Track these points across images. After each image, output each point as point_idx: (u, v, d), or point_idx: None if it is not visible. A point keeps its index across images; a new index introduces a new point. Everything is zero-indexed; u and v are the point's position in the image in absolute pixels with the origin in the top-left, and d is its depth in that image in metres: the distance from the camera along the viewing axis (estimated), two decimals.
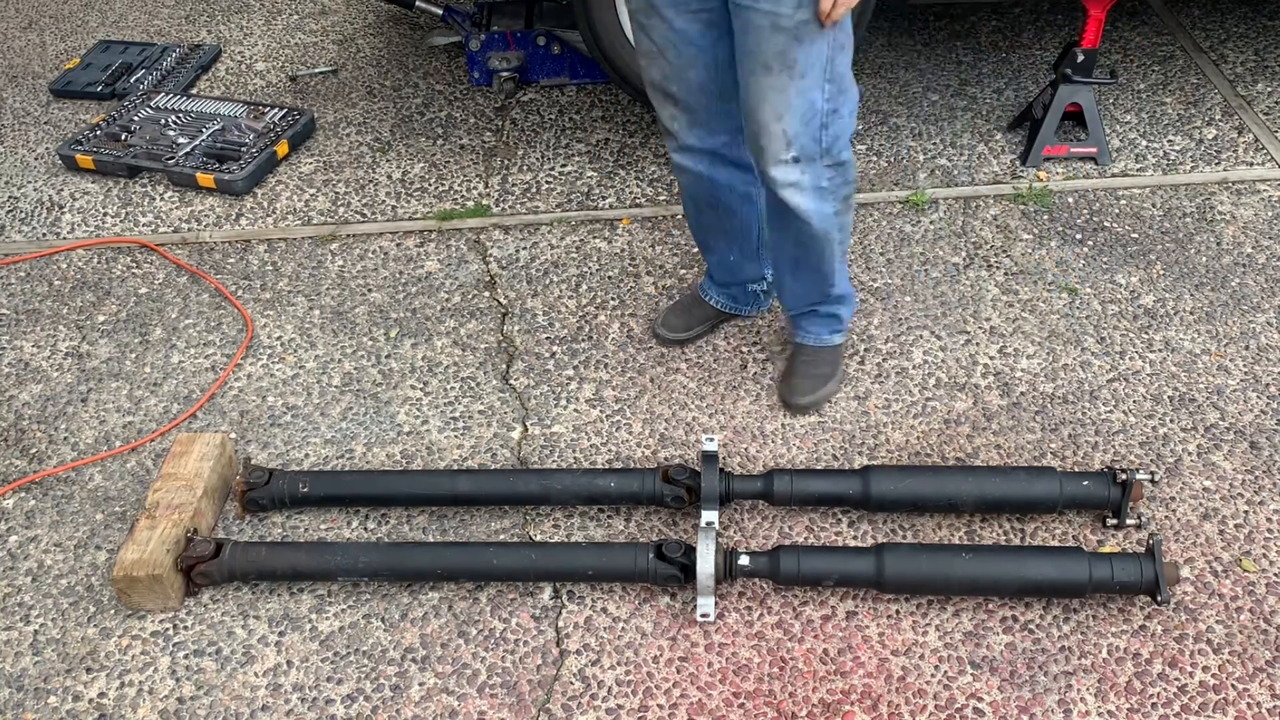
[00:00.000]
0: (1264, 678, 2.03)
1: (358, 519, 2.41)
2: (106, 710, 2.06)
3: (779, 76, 2.15)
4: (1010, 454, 2.49)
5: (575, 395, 2.68)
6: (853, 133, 2.31)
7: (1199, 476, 2.41)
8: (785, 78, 2.15)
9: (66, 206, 3.41)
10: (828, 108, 2.21)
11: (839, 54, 2.17)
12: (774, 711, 2.01)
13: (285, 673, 2.11)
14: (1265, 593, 2.18)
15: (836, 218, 2.38)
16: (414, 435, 2.59)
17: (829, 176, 2.30)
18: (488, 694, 2.06)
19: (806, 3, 2.06)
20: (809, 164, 2.26)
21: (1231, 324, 2.80)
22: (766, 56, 2.14)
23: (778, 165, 2.26)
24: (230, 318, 2.95)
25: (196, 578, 2.21)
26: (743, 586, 2.22)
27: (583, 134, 3.63)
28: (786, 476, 2.30)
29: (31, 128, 3.80)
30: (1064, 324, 2.82)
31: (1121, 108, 3.62)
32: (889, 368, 2.72)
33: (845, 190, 2.36)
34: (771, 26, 2.10)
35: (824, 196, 2.32)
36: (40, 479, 2.52)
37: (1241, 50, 3.87)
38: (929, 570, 2.12)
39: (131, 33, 4.37)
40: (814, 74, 2.16)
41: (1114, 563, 2.10)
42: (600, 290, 2.99)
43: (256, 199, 3.40)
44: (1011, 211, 3.21)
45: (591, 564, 2.19)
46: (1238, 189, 3.26)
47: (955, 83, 3.79)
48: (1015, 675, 2.05)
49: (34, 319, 2.98)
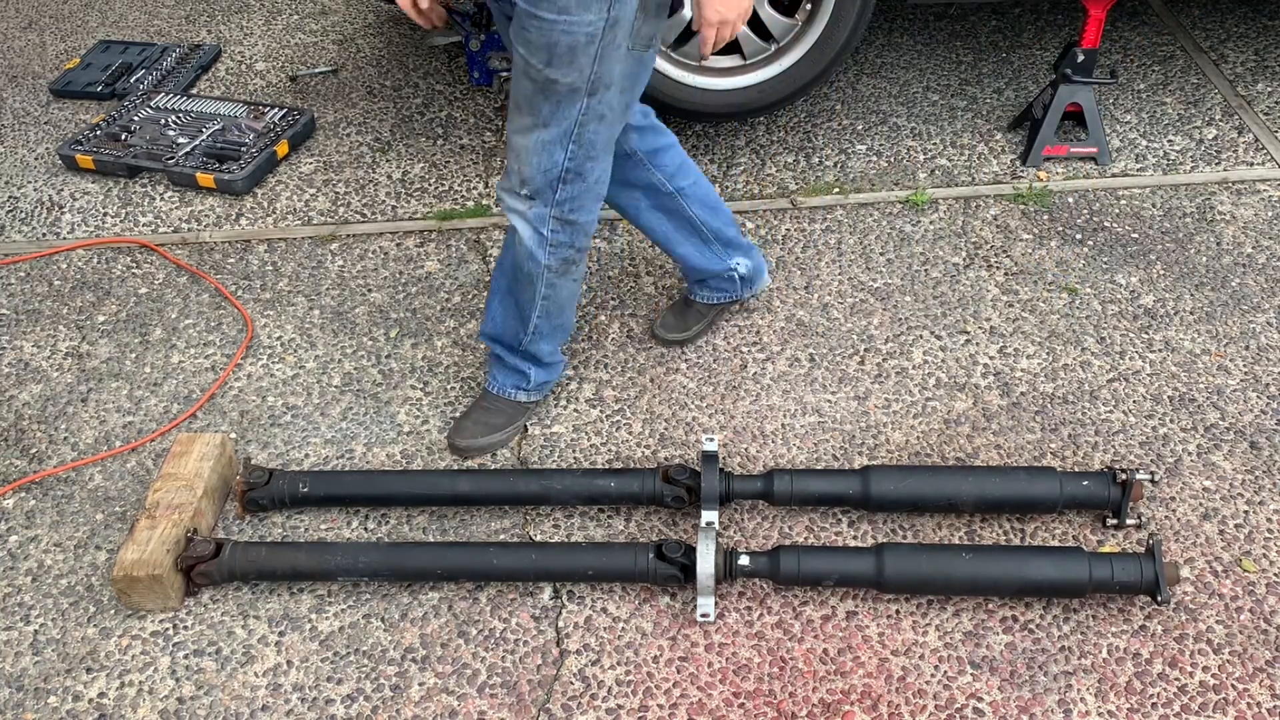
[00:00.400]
0: (1264, 678, 2.03)
1: (358, 519, 2.40)
2: (106, 710, 2.06)
3: (525, 118, 2.13)
4: (1010, 454, 2.49)
5: (575, 395, 2.68)
6: (600, 199, 2.26)
7: (1199, 476, 2.41)
8: (530, 121, 2.12)
9: (66, 206, 3.41)
10: (569, 166, 2.16)
11: (594, 123, 2.11)
12: (774, 711, 2.01)
13: (285, 673, 2.11)
14: (1265, 593, 2.18)
15: (549, 274, 2.32)
16: (414, 435, 2.59)
17: (553, 229, 2.26)
18: (488, 694, 2.06)
19: (557, 65, 2.02)
20: (541, 206, 2.23)
21: (1231, 324, 2.80)
22: (517, 95, 2.13)
23: (510, 194, 2.24)
24: (230, 318, 2.95)
25: (196, 578, 2.21)
26: (743, 586, 2.22)
27: None
28: (786, 476, 2.30)
29: (31, 128, 3.80)
30: (1064, 324, 2.82)
31: (1121, 108, 3.62)
32: (889, 368, 2.72)
33: (570, 254, 2.31)
34: (523, 70, 2.08)
35: (542, 244, 2.28)
36: (40, 479, 2.52)
37: (1241, 50, 3.87)
38: (929, 570, 2.12)
39: (131, 33, 4.37)
40: (557, 131, 2.11)
41: (1114, 563, 2.10)
42: (600, 290, 2.99)
43: (256, 199, 3.40)
44: (1011, 211, 3.21)
45: (591, 564, 2.19)
46: (1238, 189, 3.26)
47: (955, 83, 3.79)
48: (1015, 675, 2.05)
49: (34, 319, 2.98)
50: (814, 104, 3.70)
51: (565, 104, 2.08)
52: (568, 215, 2.24)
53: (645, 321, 2.88)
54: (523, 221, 2.26)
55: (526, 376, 2.53)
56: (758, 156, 3.48)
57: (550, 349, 2.51)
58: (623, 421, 2.61)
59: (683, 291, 2.85)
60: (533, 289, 2.36)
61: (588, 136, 2.13)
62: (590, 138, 2.14)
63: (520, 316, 2.43)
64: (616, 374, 2.73)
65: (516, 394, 2.55)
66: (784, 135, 3.57)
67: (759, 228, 3.18)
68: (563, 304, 2.42)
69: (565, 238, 2.28)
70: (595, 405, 2.65)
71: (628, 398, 2.67)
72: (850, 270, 3.02)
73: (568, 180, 2.19)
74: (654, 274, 3.04)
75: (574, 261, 2.34)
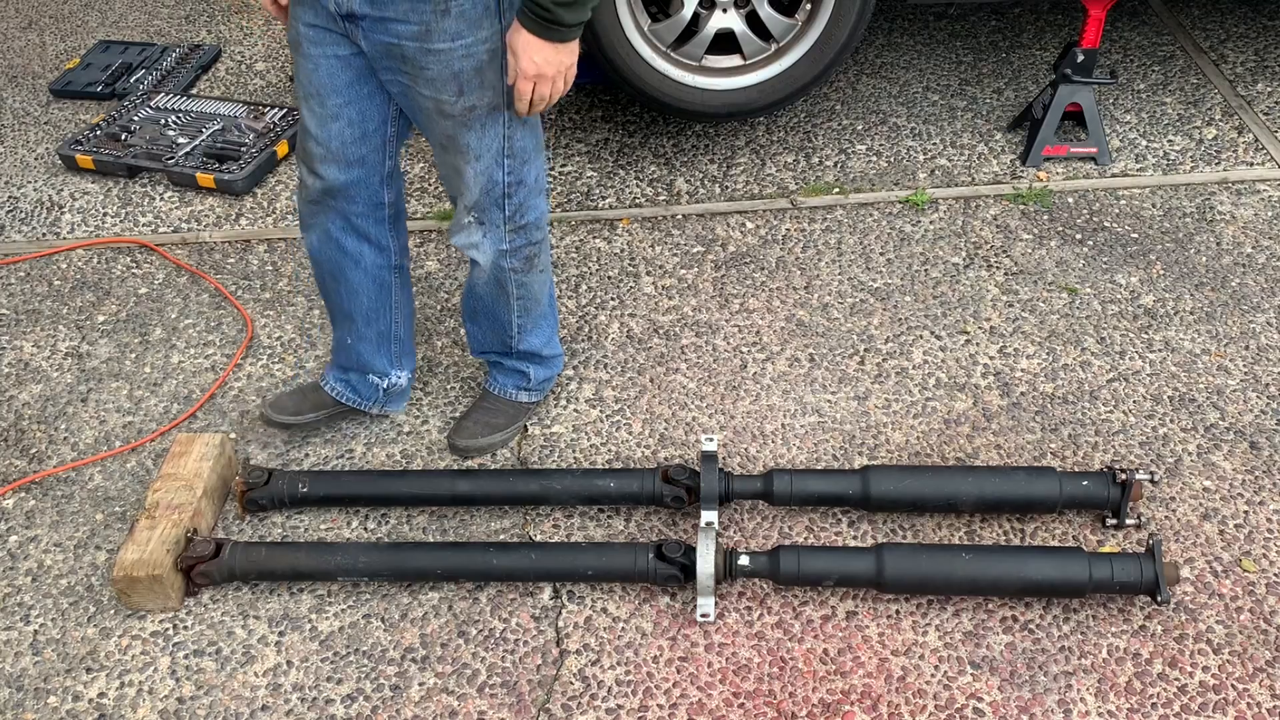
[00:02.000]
0: (1264, 678, 2.03)
1: (358, 519, 2.40)
2: (106, 710, 2.06)
3: (453, 157, 2.12)
4: (1010, 454, 2.49)
5: (575, 395, 2.68)
6: (544, 190, 2.26)
7: (1199, 476, 2.41)
8: (459, 159, 2.12)
9: (66, 206, 3.41)
10: (509, 180, 2.16)
11: (518, 130, 2.11)
12: (774, 711, 2.01)
13: (285, 673, 2.11)
14: (1265, 593, 2.18)
15: (516, 275, 2.32)
16: (414, 435, 2.59)
17: (510, 239, 2.26)
18: (488, 694, 2.06)
19: (470, 91, 2.01)
20: (491, 228, 2.23)
21: (1231, 324, 2.80)
22: (439, 137, 2.11)
23: (458, 232, 2.25)
24: (230, 318, 2.95)
25: (196, 578, 2.21)
26: (743, 586, 2.22)
27: (583, 134, 3.63)
28: (786, 476, 2.30)
29: (31, 128, 3.80)
30: (1064, 324, 2.82)
31: (1121, 108, 3.62)
32: (889, 368, 2.72)
33: (530, 250, 2.30)
34: (437, 112, 2.06)
35: (504, 256, 2.28)
36: (40, 479, 2.52)
37: (1241, 50, 3.87)
38: (929, 570, 2.12)
39: (131, 33, 4.37)
40: (489, 156, 2.11)
41: (1114, 563, 2.10)
42: (600, 290, 2.99)
43: (256, 199, 3.40)
44: (1011, 211, 3.21)
45: (591, 564, 2.19)
46: (1238, 189, 3.26)
47: (955, 83, 3.79)
48: (1015, 675, 2.05)
49: (34, 319, 2.98)
50: (814, 104, 3.70)
51: (489, 126, 2.07)
52: (519, 221, 2.25)
53: (645, 321, 2.88)
54: (479, 251, 2.27)
55: (527, 376, 2.53)
56: (758, 156, 3.48)
57: (543, 341, 2.50)
58: (623, 421, 2.61)
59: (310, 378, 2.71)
60: (504, 293, 2.36)
61: (518, 146, 2.13)
62: (520, 145, 2.13)
63: (500, 324, 2.43)
64: (616, 374, 2.73)
65: (518, 394, 2.55)
66: (784, 135, 3.57)
67: (759, 228, 3.18)
68: (537, 296, 2.41)
69: (521, 240, 2.28)
70: (595, 405, 2.65)
71: (628, 398, 2.67)
72: (850, 270, 3.02)
73: (511, 193, 2.19)
74: (654, 274, 3.04)
75: (535, 256, 2.33)
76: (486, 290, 2.38)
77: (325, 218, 2.28)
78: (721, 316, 2.89)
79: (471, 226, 2.24)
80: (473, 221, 2.23)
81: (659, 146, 3.54)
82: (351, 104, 2.12)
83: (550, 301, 2.49)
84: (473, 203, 2.20)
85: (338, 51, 2.06)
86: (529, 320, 2.44)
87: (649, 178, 3.41)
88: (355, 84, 2.10)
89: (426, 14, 1.93)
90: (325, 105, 2.12)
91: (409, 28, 1.95)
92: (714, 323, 2.87)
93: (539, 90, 1.97)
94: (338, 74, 2.08)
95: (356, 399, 2.54)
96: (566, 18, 1.88)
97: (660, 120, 3.66)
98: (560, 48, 1.92)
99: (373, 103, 2.14)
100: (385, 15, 1.95)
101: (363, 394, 2.54)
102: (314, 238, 2.33)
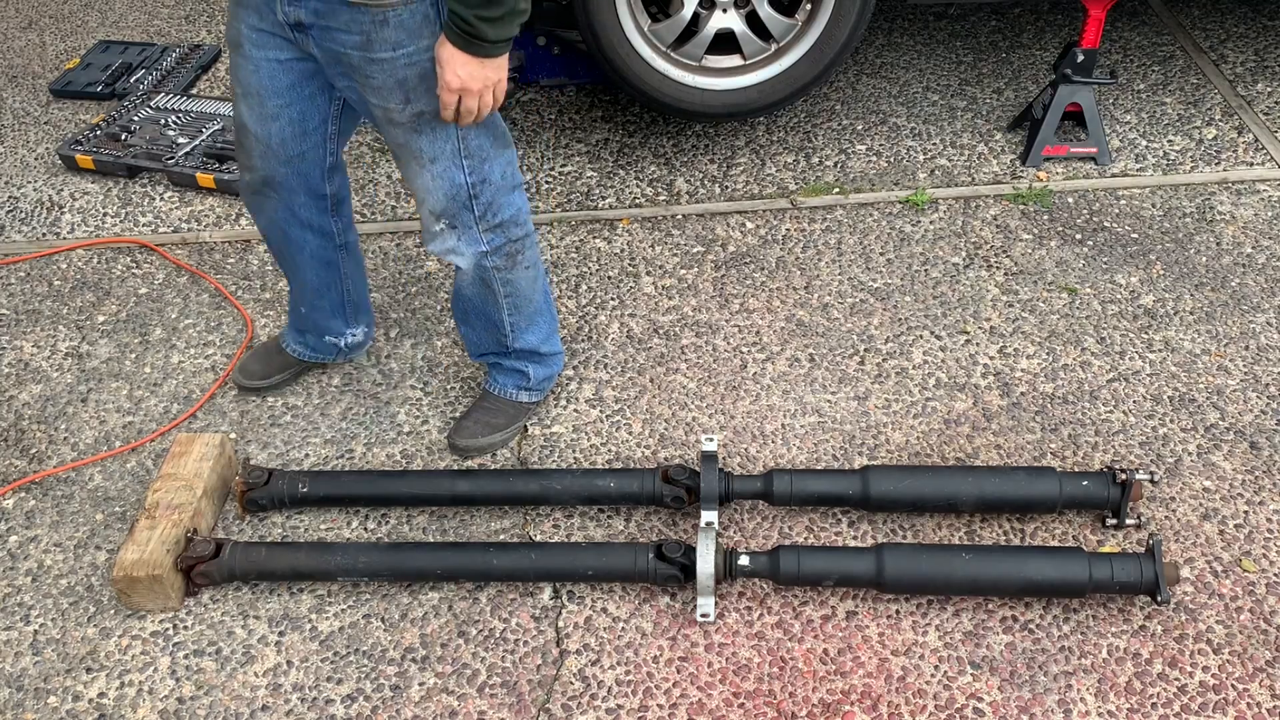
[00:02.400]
0: (1264, 678, 2.03)
1: (358, 519, 2.40)
2: (106, 710, 2.06)
3: (410, 164, 2.13)
4: (1010, 454, 2.49)
5: (575, 395, 2.68)
6: (516, 185, 2.24)
7: (1199, 476, 2.41)
8: (416, 165, 2.12)
9: (66, 206, 3.41)
10: (472, 180, 2.16)
11: (471, 131, 2.10)
12: (774, 711, 2.01)
13: (285, 673, 2.11)
14: (1265, 593, 2.18)
15: (500, 274, 2.31)
16: (414, 435, 2.59)
17: (489, 239, 2.25)
18: (488, 694, 2.06)
19: (417, 98, 2.01)
20: (465, 231, 2.23)
21: (1231, 324, 2.80)
22: (394, 144, 2.12)
23: (432, 240, 2.25)
24: (230, 318, 2.95)
25: (196, 578, 2.21)
26: (743, 586, 2.22)
27: (583, 134, 3.63)
28: (786, 476, 2.30)
29: (31, 128, 3.80)
30: (1064, 324, 2.82)
31: (1121, 108, 3.62)
32: (889, 368, 2.72)
33: (511, 248, 2.29)
34: (387, 120, 2.07)
35: (485, 257, 2.27)
36: (40, 479, 2.52)
37: (1241, 50, 3.87)
38: (929, 570, 2.12)
39: (131, 33, 4.37)
40: (445, 158, 2.11)
41: (1114, 563, 2.10)
42: (600, 290, 2.99)
43: None
44: (1011, 211, 3.21)
45: (591, 564, 2.19)
46: (1238, 189, 3.26)
47: (955, 83, 3.79)
48: (1015, 675, 2.05)
49: (34, 319, 2.98)
50: (814, 104, 3.70)
51: (440, 129, 2.07)
52: (492, 221, 2.23)
53: (645, 321, 2.88)
54: (458, 255, 2.27)
55: (526, 375, 2.53)
56: (758, 156, 3.48)
57: (540, 339, 2.49)
58: (623, 421, 2.61)
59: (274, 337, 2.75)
60: (491, 292, 2.35)
61: (473, 145, 2.12)
62: (476, 145, 2.13)
63: (493, 323, 2.43)
64: (616, 374, 2.73)
65: (518, 394, 2.55)
66: (784, 135, 3.57)
67: (759, 227, 3.18)
68: (527, 293, 2.40)
69: (500, 239, 2.27)
70: (595, 405, 2.65)
71: (628, 398, 2.67)
72: (850, 270, 3.02)
73: (477, 193, 2.18)
74: (654, 274, 3.04)
75: (517, 252, 2.31)
76: (473, 291, 2.37)
77: (269, 205, 2.33)
78: (721, 316, 2.89)
79: (445, 233, 2.23)
80: (444, 228, 2.22)
81: (659, 146, 3.54)
82: (293, 105, 2.16)
83: (545, 298, 2.48)
84: (440, 209, 2.19)
85: (280, 56, 2.09)
86: (522, 318, 2.43)
87: (649, 178, 3.41)
88: (296, 86, 2.13)
89: (366, 24, 1.94)
90: (265, 105, 2.15)
91: (352, 37, 1.96)
92: (714, 323, 2.87)
93: (465, 103, 1.97)
94: (279, 77, 2.11)
95: (317, 356, 2.68)
96: (490, 34, 1.87)
97: (660, 120, 3.66)
98: (486, 63, 1.92)
99: (313, 104, 2.17)
100: (330, 25, 1.97)
101: (321, 351, 2.67)
102: (262, 221, 2.40)
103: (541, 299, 2.46)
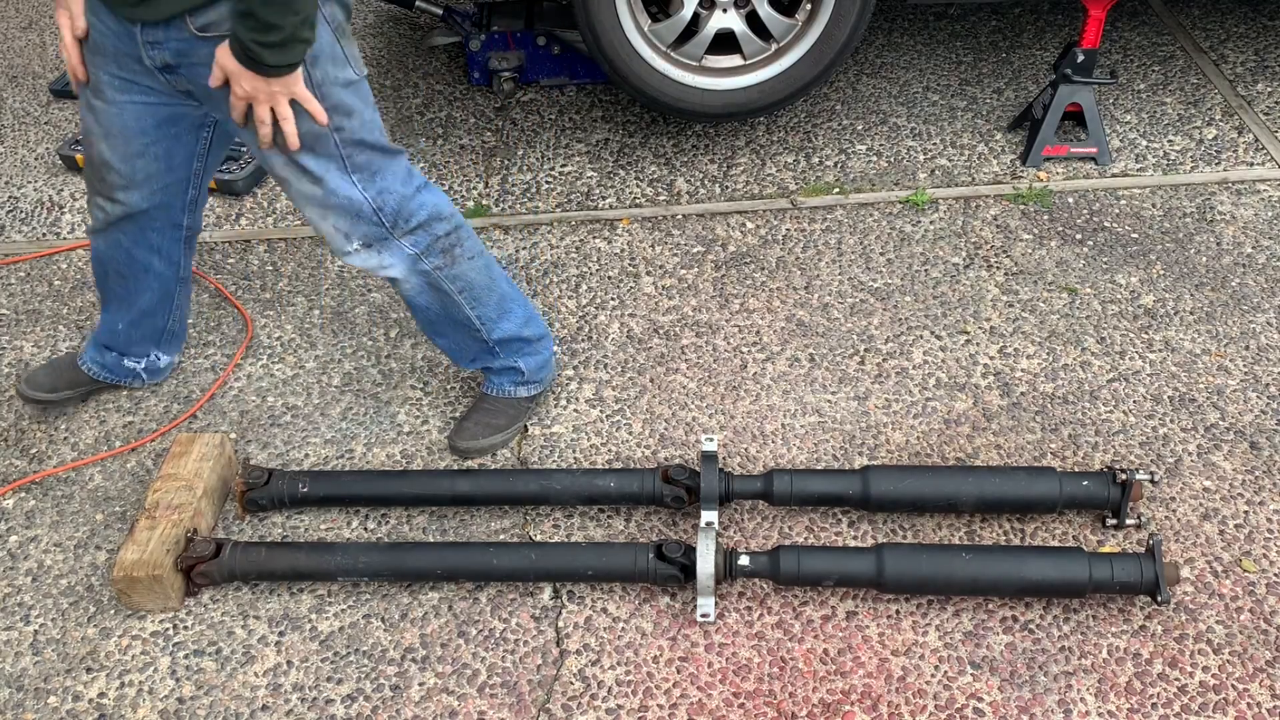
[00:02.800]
0: (1264, 678, 2.03)
1: (358, 519, 2.41)
2: (106, 710, 2.06)
3: (300, 186, 2.10)
4: (1010, 454, 2.49)
5: (575, 395, 2.68)
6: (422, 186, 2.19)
7: (1199, 476, 2.41)
8: (306, 185, 2.10)
9: (66, 206, 3.41)
10: (367, 193, 2.12)
11: (356, 150, 2.07)
12: (774, 711, 2.01)
13: (285, 673, 2.11)
14: (1265, 593, 2.18)
15: (444, 272, 2.27)
16: (414, 435, 2.59)
17: (411, 242, 2.22)
18: (488, 694, 2.06)
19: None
20: (383, 244, 2.19)
21: (1231, 324, 2.80)
22: (276, 171, 2.10)
23: (351, 256, 2.21)
24: (230, 318, 2.95)
25: (196, 578, 2.21)
26: (743, 586, 2.22)
27: (583, 134, 3.63)
28: (786, 476, 2.30)
29: (31, 128, 3.80)
30: (1064, 324, 2.82)
31: (1121, 108, 3.62)
32: (889, 368, 2.72)
33: (443, 243, 2.25)
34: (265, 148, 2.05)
35: (416, 261, 2.24)
36: (40, 479, 2.52)
37: (1241, 50, 3.87)
38: (929, 570, 2.12)
39: None
40: (334, 175, 2.08)
41: (1114, 563, 2.10)
42: (600, 290, 2.99)
43: (256, 199, 3.40)
44: (1011, 211, 3.21)
45: (591, 564, 2.19)
46: (1238, 189, 3.26)
47: (955, 83, 3.79)
48: (1015, 675, 2.05)
49: (34, 319, 2.98)
50: (814, 104, 3.71)
51: (321, 149, 2.04)
52: (409, 225, 2.20)
53: (645, 321, 2.88)
54: (390, 269, 2.24)
55: (519, 370, 2.51)
56: (758, 156, 3.48)
57: (518, 324, 2.43)
58: (623, 421, 2.61)
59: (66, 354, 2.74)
60: (445, 294, 2.32)
61: (360, 161, 2.10)
62: (362, 160, 2.10)
63: (462, 324, 2.39)
64: (616, 374, 2.73)
65: (516, 390, 2.54)
66: (784, 135, 3.57)
67: (759, 227, 3.19)
68: (484, 283, 2.35)
69: (426, 238, 2.23)
70: (595, 405, 2.65)
71: (628, 398, 2.67)
72: (850, 270, 3.02)
73: (381, 205, 2.15)
74: (654, 274, 3.04)
75: (453, 246, 2.27)
76: (427, 300, 2.33)
77: (124, 235, 2.35)
78: (721, 316, 2.89)
79: (362, 251, 2.20)
80: (359, 247, 2.19)
81: (659, 146, 3.54)
82: (159, 142, 2.19)
83: (507, 283, 2.41)
84: (349, 228, 2.15)
85: (145, 100, 2.10)
86: (489, 309, 2.38)
87: (649, 178, 3.41)
88: (162, 126, 2.16)
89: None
90: (130, 145, 2.17)
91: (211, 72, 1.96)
92: (714, 323, 2.87)
93: (257, 113, 1.94)
94: (144, 118, 2.13)
95: (112, 378, 2.66)
96: (269, 59, 1.85)
97: (660, 120, 3.66)
98: (271, 80, 1.90)
99: (179, 142, 2.20)
100: (194, 61, 1.97)
101: (118, 374, 2.65)
102: (101, 243, 2.39)
103: (504, 285, 2.40)
